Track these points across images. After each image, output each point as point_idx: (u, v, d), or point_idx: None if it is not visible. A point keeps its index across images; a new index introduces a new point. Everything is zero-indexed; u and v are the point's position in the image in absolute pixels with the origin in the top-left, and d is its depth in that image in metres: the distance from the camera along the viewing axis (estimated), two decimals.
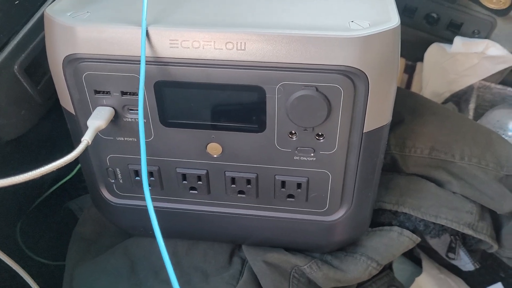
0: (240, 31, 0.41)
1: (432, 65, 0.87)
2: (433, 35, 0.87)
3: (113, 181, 0.54)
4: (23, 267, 0.48)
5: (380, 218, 0.63)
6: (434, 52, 0.86)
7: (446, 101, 0.90)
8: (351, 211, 0.52)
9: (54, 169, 0.40)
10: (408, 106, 0.68)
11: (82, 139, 0.43)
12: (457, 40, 0.83)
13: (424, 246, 0.75)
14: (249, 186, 0.51)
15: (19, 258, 0.48)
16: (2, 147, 0.52)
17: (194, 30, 0.42)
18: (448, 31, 0.85)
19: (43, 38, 0.50)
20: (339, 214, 0.52)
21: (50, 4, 0.50)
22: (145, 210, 0.54)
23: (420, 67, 0.92)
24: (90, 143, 0.43)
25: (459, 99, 0.93)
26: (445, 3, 0.81)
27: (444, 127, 0.66)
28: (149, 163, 0.51)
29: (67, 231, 0.70)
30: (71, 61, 0.44)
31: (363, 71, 0.41)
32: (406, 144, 0.65)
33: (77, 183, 0.82)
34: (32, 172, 0.39)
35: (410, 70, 0.94)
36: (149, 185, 0.53)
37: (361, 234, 0.59)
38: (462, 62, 0.83)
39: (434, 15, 0.84)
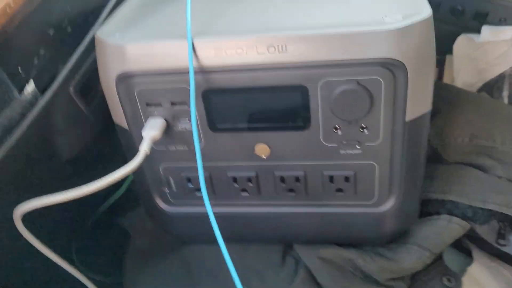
0: (280, 34, 0.43)
1: (461, 56, 0.87)
2: (460, 27, 0.88)
3: (167, 190, 0.56)
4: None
5: (427, 208, 0.63)
6: (462, 43, 0.87)
7: (479, 91, 0.90)
8: (400, 201, 0.53)
9: (119, 179, 0.43)
10: (443, 97, 0.69)
11: (140, 149, 0.46)
12: (485, 29, 0.83)
13: (472, 237, 0.74)
14: (298, 183, 0.53)
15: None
16: (62, 166, 0.55)
17: (237, 37, 0.44)
18: (474, 21, 0.86)
19: (94, 60, 0.54)
20: (388, 205, 0.53)
21: (98, 27, 0.53)
22: (199, 216, 0.57)
23: (450, 59, 0.92)
24: (148, 152, 0.46)
25: (491, 88, 0.92)
26: None
27: (482, 114, 0.67)
28: None
29: (121, 248, 0.72)
30: (123, 78, 0.47)
31: (401, 62, 0.43)
32: (445, 133, 0.66)
33: (124, 200, 0.85)
34: (98, 183, 0.42)
35: (440, 64, 0.94)
36: (201, 190, 0.55)
37: (411, 224, 0.60)
38: (491, 50, 0.83)
39: (459, 7, 0.85)
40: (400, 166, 0.50)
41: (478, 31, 0.86)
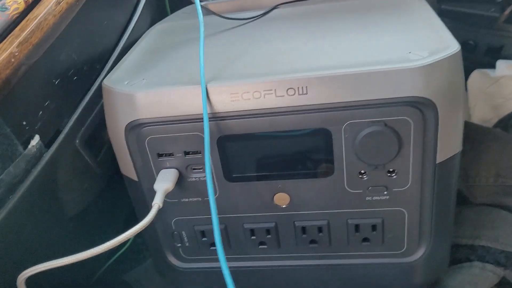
0: (300, 76, 0.41)
1: (476, 92, 0.85)
2: (472, 63, 0.86)
3: (179, 245, 0.52)
4: None
5: (456, 254, 0.59)
6: (476, 78, 0.85)
7: (494, 127, 0.88)
8: (430, 249, 0.49)
9: (131, 237, 0.40)
10: (464, 135, 0.66)
11: (153, 203, 0.42)
12: (500, 63, 0.81)
13: (506, 283, 0.70)
14: (320, 234, 0.49)
15: None
16: (67, 223, 0.51)
17: (254, 80, 0.42)
18: (487, 56, 0.84)
19: (100, 110, 0.51)
20: (419, 253, 0.49)
21: (104, 76, 0.51)
22: (213, 272, 0.53)
23: (464, 96, 0.90)
24: (161, 206, 0.42)
25: (506, 123, 0.90)
26: (481, 30, 0.81)
27: (505, 152, 0.64)
28: None
29: None
30: (133, 128, 0.45)
31: (431, 100, 0.40)
32: (469, 174, 0.63)
33: (129, 255, 0.81)
34: (106, 244, 0.39)
35: None
36: (216, 245, 0.51)
37: (442, 273, 0.56)
38: (507, 85, 0.81)
39: (471, 42, 0.84)
40: (431, 211, 0.47)
41: (490, 66, 0.84)
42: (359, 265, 0.51)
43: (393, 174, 0.44)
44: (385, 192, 0.46)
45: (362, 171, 0.45)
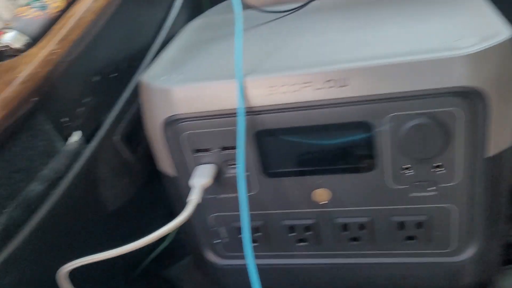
0: (340, 67, 0.39)
1: None
2: None
3: (217, 241, 0.52)
4: None
5: (509, 254, 0.56)
6: None
7: None
8: (481, 249, 0.46)
9: (169, 232, 0.39)
10: None
11: (191, 199, 0.42)
12: None
13: None
14: (362, 231, 0.47)
15: None
16: (108, 218, 0.52)
17: (291, 73, 0.40)
18: None
19: (138, 106, 0.51)
20: (468, 253, 0.47)
21: (142, 72, 0.51)
22: None
23: None
24: (200, 201, 0.42)
25: None
26: None
27: None
28: (253, 218, 0.49)
29: None
30: (171, 123, 0.44)
31: (481, 90, 0.38)
32: None
33: (169, 251, 0.81)
34: (145, 239, 0.39)
35: None
36: (254, 241, 0.51)
37: (493, 274, 0.53)
38: None
39: None
40: (481, 208, 0.44)
41: None
42: (403, 264, 0.49)
43: (440, 169, 0.42)
44: (431, 188, 0.43)
45: (406, 166, 0.43)
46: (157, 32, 0.57)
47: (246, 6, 0.62)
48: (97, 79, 0.46)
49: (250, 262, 0.39)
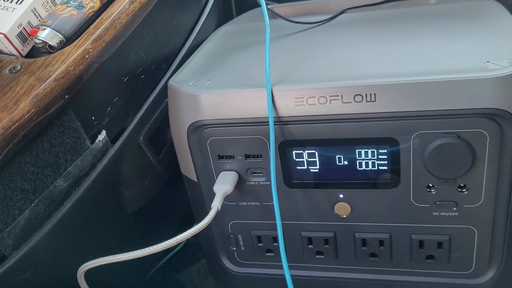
0: (369, 82, 0.39)
1: None
2: None
3: (234, 248, 0.52)
4: None
5: None
6: None
7: None
8: (501, 272, 0.46)
9: (189, 237, 0.40)
10: None
11: (212, 205, 0.42)
12: None
13: None
14: (382, 247, 0.47)
15: None
16: (127, 218, 0.52)
17: (320, 85, 0.40)
18: None
19: (164, 109, 0.52)
20: (488, 275, 0.46)
21: (170, 76, 0.52)
22: (268, 278, 0.52)
23: None
24: (219, 208, 0.42)
25: None
26: None
27: None
28: (272, 227, 0.49)
29: None
30: (196, 128, 0.45)
31: (510, 112, 0.38)
32: None
33: (182, 255, 0.81)
34: (165, 243, 0.39)
35: None
36: (272, 251, 0.51)
37: None
38: None
39: None
40: (504, 231, 0.44)
41: None
42: (422, 284, 0.48)
43: (464, 190, 0.42)
44: (454, 208, 0.43)
45: (430, 185, 0.42)
46: (187, 36, 0.57)
47: (274, 15, 0.63)
48: (127, 80, 0.47)
49: (286, 274, 0.40)
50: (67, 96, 0.38)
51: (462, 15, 0.51)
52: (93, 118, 0.43)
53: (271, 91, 0.41)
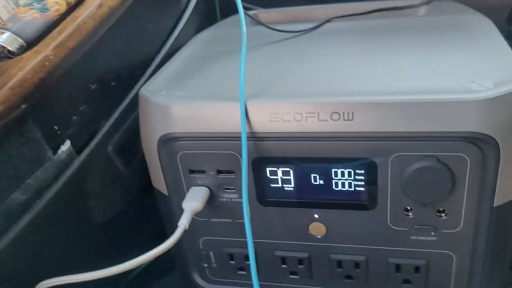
0: (347, 100, 0.37)
1: None
2: None
3: (206, 265, 0.50)
4: None
5: None
6: None
7: None
8: None
9: (151, 259, 0.37)
10: None
11: (178, 224, 0.40)
12: None
13: None
14: (357, 270, 0.45)
15: None
16: (94, 231, 0.50)
17: (296, 101, 0.39)
18: None
19: (136, 118, 0.49)
20: None
21: (143, 83, 0.50)
22: None
23: None
24: (187, 227, 0.40)
25: None
26: None
27: None
28: (244, 245, 0.47)
29: None
30: (166, 141, 0.43)
31: (492, 137, 0.36)
32: None
33: (160, 263, 0.79)
34: (130, 262, 0.37)
35: None
36: (244, 269, 0.49)
37: None
38: None
39: None
40: (483, 258, 0.42)
41: None
42: None
43: (443, 214, 0.40)
44: (433, 233, 0.41)
45: (408, 208, 0.40)
46: (164, 41, 0.55)
47: (257, 22, 0.61)
48: (96, 87, 0.44)
49: None
50: (24, 106, 0.36)
51: (450, 29, 0.50)
52: (55, 127, 0.41)
53: (245, 105, 0.39)
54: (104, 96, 0.46)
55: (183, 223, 0.40)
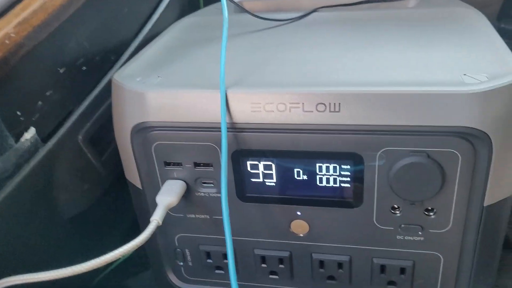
0: (333, 90, 0.35)
1: None
2: None
3: (181, 263, 0.47)
4: None
5: None
6: None
7: None
8: None
9: (121, 256, 0.35)
10: None
11: (151, 219, 0.37)
12: None
13: None
14: (340, 270, 0.43)
15: None
16: (63, 225, 0.47)
17: (279, 91, 0.36)
18: None
19: (109, 106, 0.47)
20: None
21: (118, 69, 0.47)
22: None
23: None
24: (160, 223, 0.37)
25: None
26: None
27: None
28: (222, 243, 0.44)
29: None
30: (140, 130, 0.40)
31: (485, 133, 0.34)
32: None
33: (136, 259, 0.76)
34: (95, 260, 0.34)
35: None
36: (221, 268, 0.46)
37: None
38: None
39: None
40: (471, 259, 0.40)
41: None
42: None
43: (431, 213, 0.38)
44: (420, 233, 0.39)
45: (396, 206, 0.38)
46: (141, 26, 0.52)
47: (241, 10, 0.58)
48: (64, 71, 0.41)
49: None
50: None
51: (441, 21, 0.48)
52: (18, 113, 0.37)
53: (226, 94, 0.37)
54: (74, 81, 0.42)
55: (156, 218, 0.37)
